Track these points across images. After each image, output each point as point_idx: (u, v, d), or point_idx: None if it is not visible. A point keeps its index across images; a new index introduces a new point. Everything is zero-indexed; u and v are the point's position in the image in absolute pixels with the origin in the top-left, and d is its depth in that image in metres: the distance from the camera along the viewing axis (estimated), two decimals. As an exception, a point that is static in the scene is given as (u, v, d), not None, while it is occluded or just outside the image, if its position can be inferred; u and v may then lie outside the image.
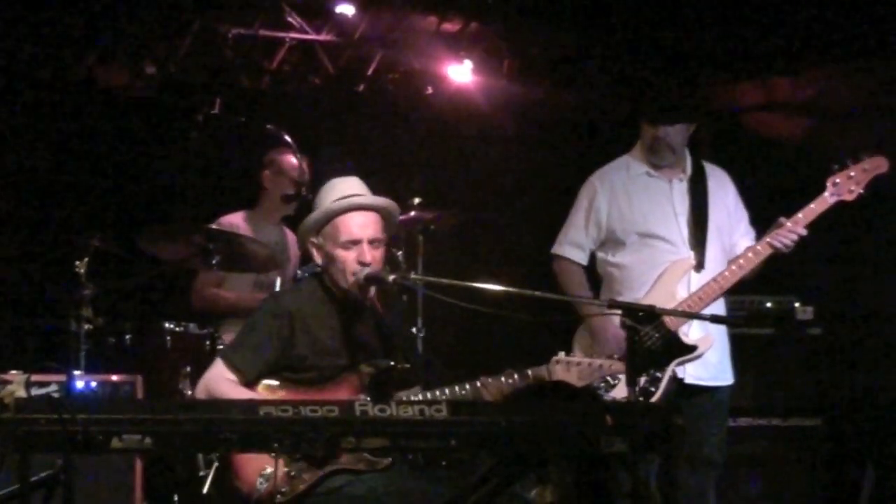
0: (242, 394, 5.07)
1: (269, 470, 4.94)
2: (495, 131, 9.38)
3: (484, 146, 9.49)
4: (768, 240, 6.11)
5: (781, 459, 7.23)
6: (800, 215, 6.10)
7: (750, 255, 6.13)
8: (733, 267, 6.13)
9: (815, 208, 6.10)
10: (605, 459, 6.31)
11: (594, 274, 6.46)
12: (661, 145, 6.29)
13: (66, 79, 8.36)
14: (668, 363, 6.09)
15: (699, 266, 6.22)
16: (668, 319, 5.99)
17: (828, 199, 6.11)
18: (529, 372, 5.23)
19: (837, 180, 6.11)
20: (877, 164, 6.14)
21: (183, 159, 8.59)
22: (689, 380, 6.17)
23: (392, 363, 5.25)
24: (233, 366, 5.16)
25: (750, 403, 7.09)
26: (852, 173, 6.11)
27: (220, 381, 5.14)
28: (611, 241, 6.38)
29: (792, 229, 6.06)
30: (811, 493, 7.23)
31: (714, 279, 6.13)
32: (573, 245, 6.44)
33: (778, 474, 7.20)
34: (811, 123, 8.34)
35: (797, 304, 7.41)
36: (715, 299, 6.14)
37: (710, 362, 6.21)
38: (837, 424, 7.30)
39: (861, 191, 6.11)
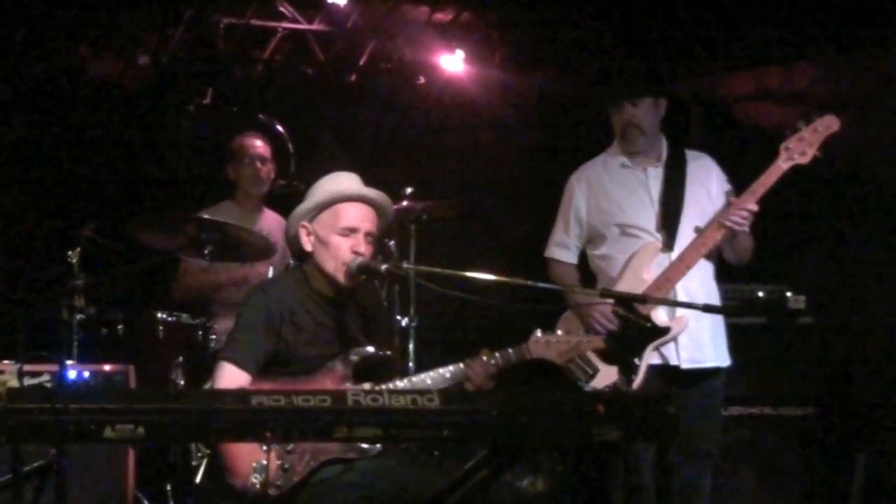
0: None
1: (262, 463, 4.95)
2: (487, 121, 9.38)
3: (476, 136, 9.49)
4: (720, 219, 6.12)
5: (773, 448, 7.24)
6: (756, 186, 6.09)
7: (712, 232, 6.14)
8: (698, 246, 6.13)
9: (769, 176, 6.08)
10: (599, 449, 6.34)
11: (587, 271, 6.49)
12: (629, 128, 6.29)
13: (58, 69, 8.35)
14: (644, 347, 6.10)
15: (667, 247, 6.21)
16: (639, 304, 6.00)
17: (781, 165, 6.07)
18: (510, 351, 5.26)
19: (790, 145, 6.08)
20: (828, 124, 6.10)
21: (175, 149, 8.59)
22: (685, 365, 6.18)
23: (375, 351, 5.28)
24: (235, 363, 5.16)
25: (741, 392, 7.09)
26: (804, 136, 6.09)
27: (231, 385, 5.12)
28: (594, 236, 6.41)
29: (741, 206, 6.06)
30: (802, 481, 7.23)
31: (679, 257, 6.13)
32: (559, 246, 6.49)
33: (769, 463, 7.21)
34: (802, 113, 8.34)
35: (789, 293, 7.42)
36: (680, 278, 6.12)
37: (704, 343, 6.22)
38: (829, 413, 7.31)
39: (815, 152, 6.07)
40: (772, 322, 7.36)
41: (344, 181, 5.37)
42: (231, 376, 5.15)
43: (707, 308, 5.63)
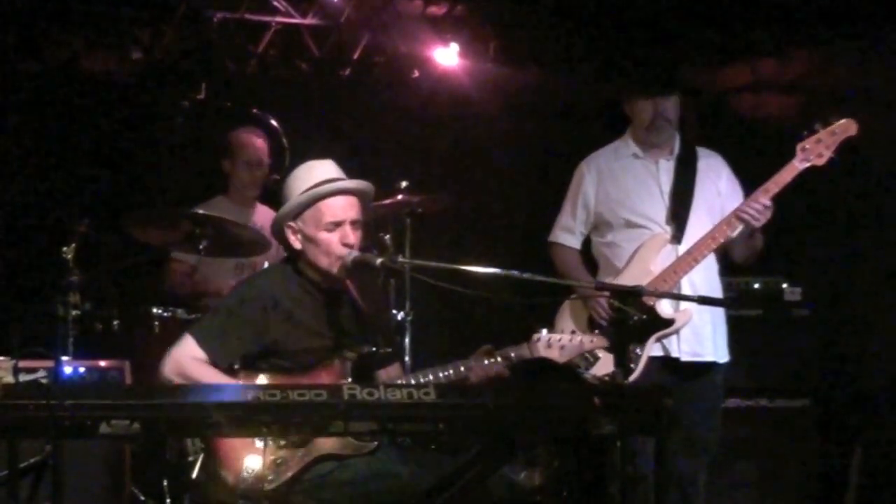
0: (212, 375, 5.08)
1: (255, 457, 4.94)
2: (482, 114, 9.36)
3: (470, 129, 9.47)
4: (735, 212, 6.13)
5: (769, 440, 7.24)
6: (769, 184, 6.11)
7: (723, 227, 6.15)
8: (708, 240, 6.15)
9: (784, 175, 6.11)
10: (596, 442, 6.34)
11: (590, 258, 6.50)
12: (660, 120, 6.31)
13: (51, 64, 8.33)
14: (646, 338, 6.11)
15: (676, 239, 6.23)
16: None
17: (797, 165, 6.12)
18: (512, 350, 5.25)
19: (807, 146, 6.13)
20: (846, 128, 6.14)
21: (169, 144, 8.58)
22: (685, 358, 6.19)
23: (374, 348, 5.26)
24: (198, 340, 5.16)
25: (738, 384, 7.08)
26: (821, 138, 6.12)
27: (189, 360, 5.13)
28: (601, 224, 6.44)
29: (755, 199, 6.08)
30: (799, 473, 7.24)
31: (688, 251, 6.15)
32: (564, 230, 6.52)
33: (766, 455, 7.22)
34: (798, 104, 8.33)
35: (785, 285, 7.42)
36: (688, 271, 6.13)
37: (705, 337, 6.24)
38: (826, 405, 7.31)
39: (832, 155, 6.12)
40: (768, 314, 7.36)
41: (319, 173, 5.33)
42: (189, 350, 5.14)
43: (703, 300, 5.65)
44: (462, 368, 5.17)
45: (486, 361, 5.20)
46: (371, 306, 5.48)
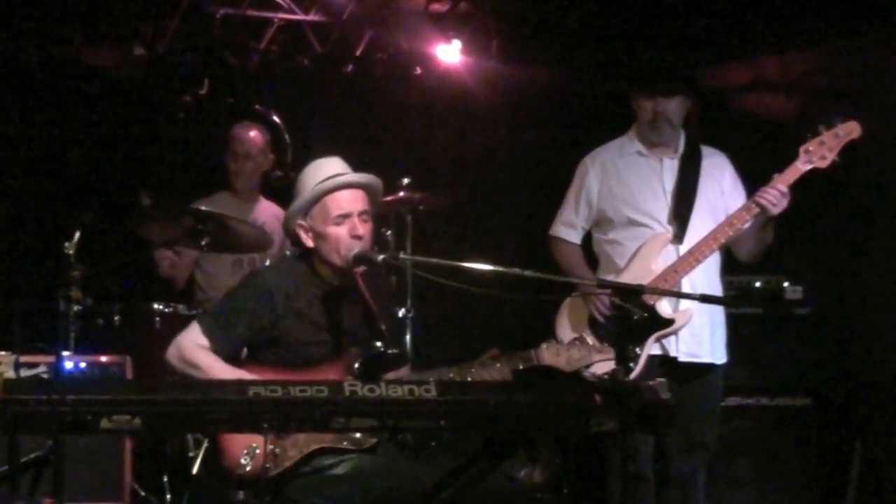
0: (211, 361, 5.13)
1: (254, 447, 4.95)
2: (484, 111, 9.37)
3: (472, 126, 9.48)
4: (753, 199, 6.10)
5: (770, 439, 7.24)
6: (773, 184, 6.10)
7: (733, 221, 6.13)
8: (710, 240, 6.14)
9: (787, 177, 6.09)
10: (596, 439, 6.34)
11: (591, 254, 6.49)
12: (660, 120, 6.29)
13: (53, 59, 8.34)
14: (646, 338, 6.10)
15: (678, 239, 6.22)
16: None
17: (800, 167, 6.10)
18: (517, 356, 5.25)
19: (810, 148, 6.11)
20: (849, 130, 6.12)
21: (171, 140, 8.58)
22: (682, 358, 6.18)
23: (382, 347, 5.26)
24: (204, 332, 5.21)
25: (738, 383, 7.09)
26: (825, 140, 6.11)
27: (193, 346, 5.18)
28: (603, 220, 6.42)
29: (772, 186, 6.05)
30: (799, 472, 7.24)
31: (689, 251, 6.14)
32: (565, 225, 6.49)
33: (766, 453, 7.21)
34: (798, 103, 8.32)
35: (786, 284, 7.42)
36: (689, 271, 6.12)
37: (703, 338, 6.23)
38: (826, 404, 7.31)
39: (835, 157, 6.10)
40: (769, 313, 7.35)
41: (326, 170, 5.33)
42: (193, 336, 5.21)
43: (704, 298, 5.63)
44: (468, 377, 5.18)
45: (490, 367, 5.20)
46: (384, 307, 5.50)
